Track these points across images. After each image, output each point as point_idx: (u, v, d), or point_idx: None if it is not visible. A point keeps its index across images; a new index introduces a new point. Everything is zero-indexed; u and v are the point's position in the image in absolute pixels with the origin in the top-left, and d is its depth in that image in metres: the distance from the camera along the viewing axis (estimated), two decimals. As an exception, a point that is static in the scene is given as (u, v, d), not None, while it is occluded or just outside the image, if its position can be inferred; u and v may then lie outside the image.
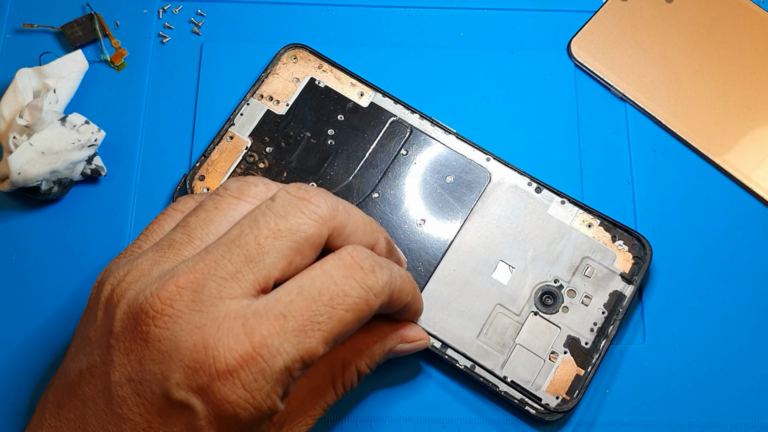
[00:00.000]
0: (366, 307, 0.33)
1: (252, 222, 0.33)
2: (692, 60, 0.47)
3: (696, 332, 0.42)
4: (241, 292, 0.32)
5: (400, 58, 0.47)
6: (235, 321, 0.31)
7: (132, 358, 0.31)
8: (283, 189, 0.34)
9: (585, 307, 0.41)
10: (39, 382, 0.41)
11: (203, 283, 0.32)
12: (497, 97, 0.47)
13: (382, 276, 0.34)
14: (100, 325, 0.33)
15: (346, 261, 0.33)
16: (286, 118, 0.45)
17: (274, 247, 0.32)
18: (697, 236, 0.44)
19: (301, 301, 0.32)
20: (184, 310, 0.31)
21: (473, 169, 0.44)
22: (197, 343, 0.31)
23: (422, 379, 0.41)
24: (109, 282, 0.33)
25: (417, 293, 0.38)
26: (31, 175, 0.42)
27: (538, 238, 0.42)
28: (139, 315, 0.31)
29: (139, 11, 0.48)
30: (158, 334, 0.31)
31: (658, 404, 0.41)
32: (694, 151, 0.46)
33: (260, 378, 0.31)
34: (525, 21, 0.48)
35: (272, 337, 0.31)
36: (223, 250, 0.32)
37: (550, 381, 0.40)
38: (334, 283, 0.33)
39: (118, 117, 0.46)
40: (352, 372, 0.37)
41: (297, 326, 0.31)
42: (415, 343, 0.39)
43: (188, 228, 0.34)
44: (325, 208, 0.34)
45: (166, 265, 0.33)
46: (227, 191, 0.35)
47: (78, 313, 0.42)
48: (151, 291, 0.32)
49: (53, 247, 0.43)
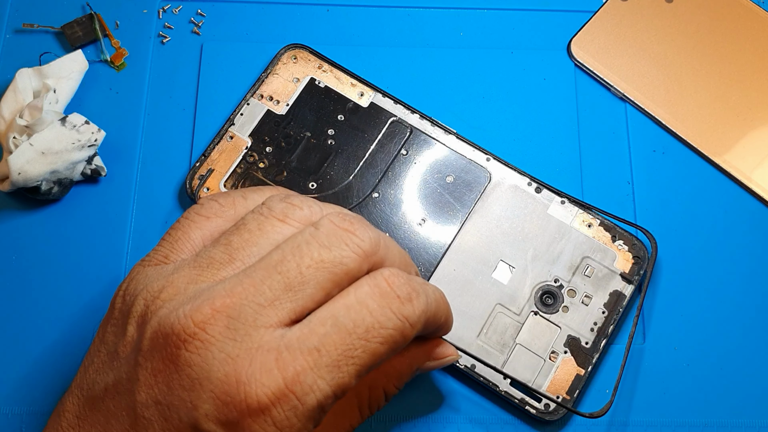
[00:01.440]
0: (401, 338, 0.32)
1: (295, 249, 0.32)
2: (692, 60, 0.47)
3: (696, 332, 0.42)
4: (276, 321, 0.31)
5: (400, 58, 0.47)
6: (269, 354, 0.30)
7: (160, 379, 0.31)
8: (327, 217, 0.33)
9: (585, 307, 0.41)
10: (39, 382, 0.41)
11: (240, 309, 0.31)
12: (497, 97, 0.47)
13: (419, 305, 0.33)
14: (130, 341, 0.32)
15: (382, 288, 0.32)
16: (286, 118, 0.45)
17: (314, 278, 0.31)
18: (697, 236, 0.44)
19: (336, 334, 0.31)
20: (218, 337, 0.30)
21: (473, 169, 0.44)
22: (229, 375, 0.30)
23: (422, 378, 0.41)
24: (143, 296, 0.32)
25: (449, 313, 0.36)
26: (31, 175, 0.42)
27: (538, 237, 0.42)
28: (170, 336, 0.30)
29: (139, 11, 0.48)
30: (189, 358, 0.30)
31: (658, 404, 0.41)
32: (694, 151, 0.46)
33: (292, 416, 0.30)
34: (525, 21, 0.48)
35: (306, 374, 0.30)
36: (263, 274, 0.31)
37: (551, 381, 0.40)
38: (370, 314, 0.31)
39: (118, 117, 0.46)
40: (379, 394, 0.36)
41: (331, 361, 0.30)
42: (444, 359, 0.37)
43: (230, 248, 0.33)
44: (368, 242, 0.33)
45: (203, 285, 0.32)
46: (271, 212, 0.34)
47: (78, 313, 0.42)
48: (184, 311, 0.31)
49: (53, 247, 0.43)
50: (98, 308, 0.42)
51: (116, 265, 0.43)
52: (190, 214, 0.36)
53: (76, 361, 0.41)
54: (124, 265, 0.43)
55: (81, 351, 0.41)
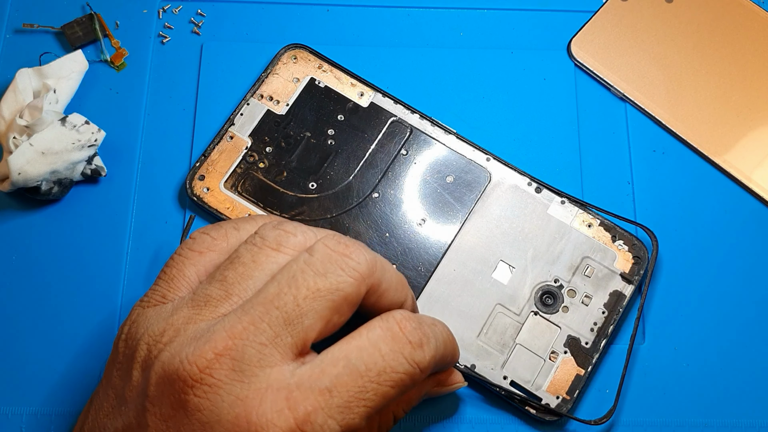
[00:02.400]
0: (411, 382, 0.32)
1: (290, 280, 0.32)
2: (692, 60, 0.47)
3: (696, 332, 0.42)
4: (280, 358, 0.31)
5: (400, 58, 0.47)
6: (278, 393, 0.30)
7: (170, 425, 0.30)
8: (321, 242, 0.33)
9: (585, 307, 0.41)
10: (39, 382, 0.41)
11: (242, 350, 0.31)
12: (497, 97, 0.47)
13: (429, 350, 0.33)
14: (135, 386, 0.32)
15: (395, 332, 0.32)
16: (286, 118, 0.45)
17: (312, 309, 0.31)
18: (697, 236, 0.44)
19: (348, 375, 0.31)
20: (225, 380, 0.30)
21: (473, 169, 0.44)
22: (239, 417, 0.30)
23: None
24: (145, 341, 0.32)
25: (456, 349, 0.37)
26: (31, 175, 0.42)
27: (538, 237, 0.42)
28: (176, 381, 0.30)
29: (139, 11, 0.48)
30: (198, 403, 0.30)
31: (658, 404, 0.41)
32: (694, 151, 0.46)
33: None
34: (525, 21, 0.48)
35: (317, 414, 0.30)
36: (261, 311, 0.31)
37: (551, 381, 0.40)
38: (382, 358, 0.32)
39: (118, 117, 0.46)
40: (388, 419, 0.36)
41: (342, 402, 0.31)
42: (451, 386, 0.38)
43: (226, 283, 0.33)
44: (365, 265, 0.33)
45: (202, 324, 0.32)
46: (264, 242, 0.34)
47: (78, 313, 0.42)
48: (187, 355, 0.31)
49: (53, 247, 0.43)
50: (98, 308, 0.42)
51: (116, 265, 0.43)
52: (183, 251, 0.36)
53: (76, 361, 0.41)
54: (124, 265, 0.43)
55: (81, 351, 0.41)
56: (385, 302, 0.34)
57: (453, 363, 0.37)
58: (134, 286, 0.43)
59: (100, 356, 0.41)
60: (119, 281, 0.43)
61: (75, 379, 0.41)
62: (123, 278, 0.43)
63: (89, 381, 0.41)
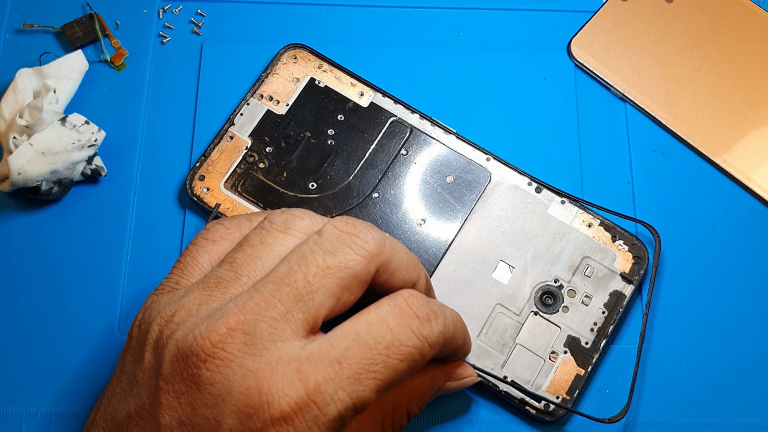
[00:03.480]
0: (420, 357, 0.33)
1: (300, 258, 0.33)
2: (692, 60, 0.47)
3: (696, 332, 0.42)
4: (291, 333, 0.31)
5: (400, 58, 0.47)
6: (289, 365, 0.31)
7: (183, 401, 0.31)
8: (330, 223, 0.34)
9: (585, 307, 0.41)
10: (39, 381, 0.41)
11: (254, 325, 0.31)
12: (497, 97, 0.47)
13: (437, 326, 0.33)
14: (148, 367, 0.32)
15: (402, 308, 0.33)
16: (286, 118, 0.45)
17: (322, 286, 0.32)
18: (697, 236, 0.44)
19: (357, 348, 0.31)
20: (237, 353, 0.31)
21: (473, 169, 0.44)
22: (251, 388, 0.30)
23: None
24: (157, 322, 0.33)
25: (467, 336, 0.37)
26: (31, 175, 0.42)
27: (538, 237, 0.42)
28: (189, 357, 0.31)
29: (139, 11, 0.48)
30: (210, 377, 0.31)
31: (658, 404, 0.41)
32: (694, 151, 0.46)
33: (314, 426, 0.30)
34: (525, 21, 0.48)
35: (327, 384, 0.30)
36: (272, 288, 0.32)
37: (550, 381, 0.40)
38: (390, 332, 0.32)
39: (118, 117, 0.46)
40: (402, 414, 0.36)
41: (352, 374, 0.31)
42: (464, 380, 0.38)
43: (235, 265, 0.34)
44: (373, 243, 0.33)
45: (214, 304, 0.32)
46: (273, 225, 0.35)
47: (77, 313, 0.42)
48: (200, 332, 0.31)
49: (53, 247, 0.43)
50: (98, 308, 0.42)
51: (116, 265, 0.43)
52: (197, 240, 0.36)
53: (75, 361, 0.41)
54: (124, 265, 0.43)
55: (80, 351, 0.41)
56: (396, 281, 0.35)
57: (464, 350, 0.37)
58: (134, 286, 0.43)
59: (101, 356, 0.41)
60: (119, 281, 0.43)
61: (75, 379, 0.41)
62: (123, 278, 0.43)
63: (90, 381, 0.41)
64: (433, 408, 0.41)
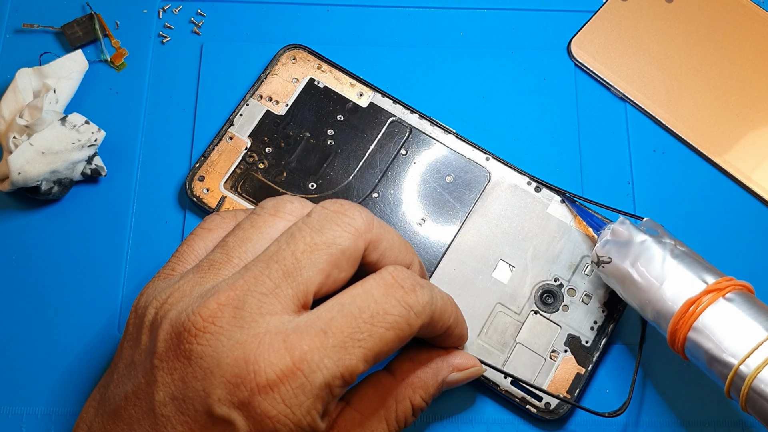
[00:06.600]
0: (407, 326, 0.33)
1: (289, 238, 0.33)
2: (692, 60, 0.47)
3: (696, 332, 0.42)
4: (281, 308, 0.32)
5: (400, 58, 0.47)
6: (276, 336, 0.31)
7: (175, 376, 0.31)
8: (318, 205, 0.35)
9: (585, 306, 0.41)
10: (39, 381, 0.41)
11: (244, 299, 0.32)
12: (497, 97, 0.47)
13: (423, 296, 0.34)
14: (144, 348, 0.33)
15: (387, 280, 0.33)
16: (286, 118, 0.45)
17: (310, 261, 0.33)
18: (698, 236, 0.44)
19: (342, 317, 0.32)
20: (226, 327, 0.31)
21: (473, 169, 0.44)
22: (238, 358, 0.31)
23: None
24: (153, 306, 0.34)
25: (460, 317, 0.37)
26: (31, 175, 0.42)
27: (537, 237, 0.42)
28: (182, 333, 0.32)
29: (139, 11, 0.48)
30: (201, 351, 0.31)
31: (658, 404, 0.41)
32: (694, 151, 0.46)
33: (300, 393, 0.31)
34: (525, 21, 0.48)
35: (312, 353, 0.31)
36: (261, 266, 0.33)
37: (551, 379, 0.40)
38: (375, 301, 0.33)
39: (118, 117, 0.46)
40: (405, 407, 0.36)
41: (337, 342, 0.31)
42: (468, 371, 0.38)
43: (226, 248, 0.34)
44: (360, 220, 0.34)
45: (207, 285, 0.33)
46: (263, 210, 0.36)
47: (77, 312, 0.42)
48: (192, 309, 0.32)
49: (53, 247, 0.43)
50: (98, 308, 0.42)
51: (116, 265, 0.43)
52: (194, 230, 0.38)
53: (75, 360, 0.41)
54: (124, 264, 0.43)
55: (80, 351, 0.41)
56: (388, 262, 0.35)
57: (459, 333, 0.37)
58: (134, 286, 0.43)
59: (101, 356, 0.41)
60: (119, 281, 0.43)
61: (75, 379, 0.41)
62: (123, 278, 0.43)
63: (89, 381, 0.41)
64: (433, 407, 0.41)
